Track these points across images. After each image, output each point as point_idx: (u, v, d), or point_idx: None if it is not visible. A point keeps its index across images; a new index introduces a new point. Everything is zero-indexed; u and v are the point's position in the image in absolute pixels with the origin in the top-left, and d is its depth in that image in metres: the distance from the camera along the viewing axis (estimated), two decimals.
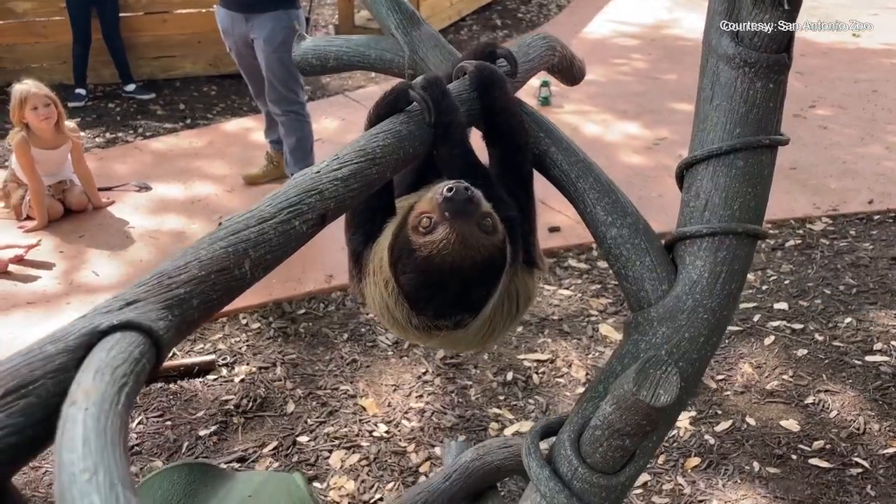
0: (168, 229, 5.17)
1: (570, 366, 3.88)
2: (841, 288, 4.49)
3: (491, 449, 1.53)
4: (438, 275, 1.10)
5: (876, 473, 3.16)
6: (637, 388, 1.01)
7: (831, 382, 3.68)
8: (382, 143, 1.04)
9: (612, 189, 1.27)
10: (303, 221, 0.89)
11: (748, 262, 1.20)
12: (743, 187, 1.19)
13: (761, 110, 1.20)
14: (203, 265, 0.76)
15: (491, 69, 1.22)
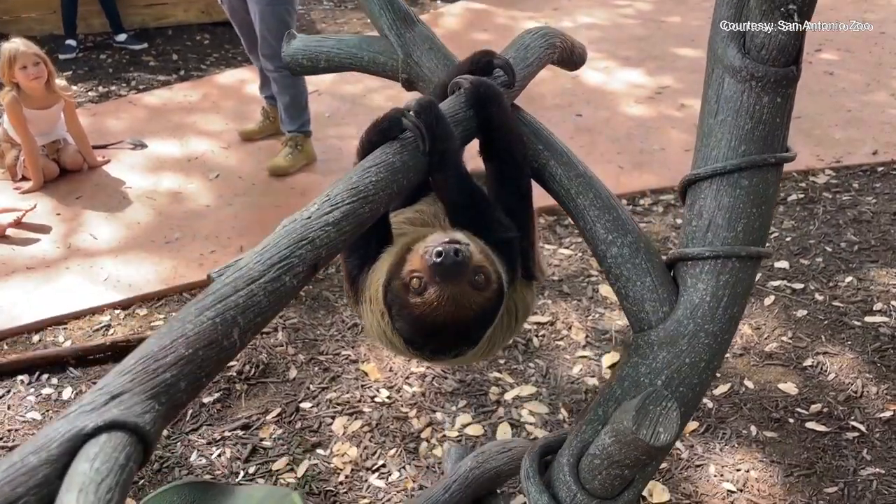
0: (165, 189, 5.13)
1: (569, 328, 3.89)
2: (842, 245, 4.47)
3: (490, 455, 1.54)
4: (432, 328, 1.09)
5: (872, 437, 3.19)
6: (637, 427, 1.00)
7: (830, 344, 3.70)
8: (375, 179, 1.00)
9: (614, 205, 1.23)
10: (293, 276, 0.86)
11: (751, 283, 1.17)
12: (747, 207, 1.15)
13: (767, 126, 1.16)
14: (190, 342, 0.74)
15: (487, 85, 1.17)
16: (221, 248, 4.49)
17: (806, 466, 3.10)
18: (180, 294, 4.18)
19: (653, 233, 4.66)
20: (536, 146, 1.26)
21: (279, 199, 5.03)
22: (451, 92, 1.21)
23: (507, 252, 1.18)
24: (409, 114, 1.07)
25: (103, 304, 4.06)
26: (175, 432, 3.36)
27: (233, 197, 5.04)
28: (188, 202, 5.00)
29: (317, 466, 3.20)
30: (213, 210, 4.90)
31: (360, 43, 1.41)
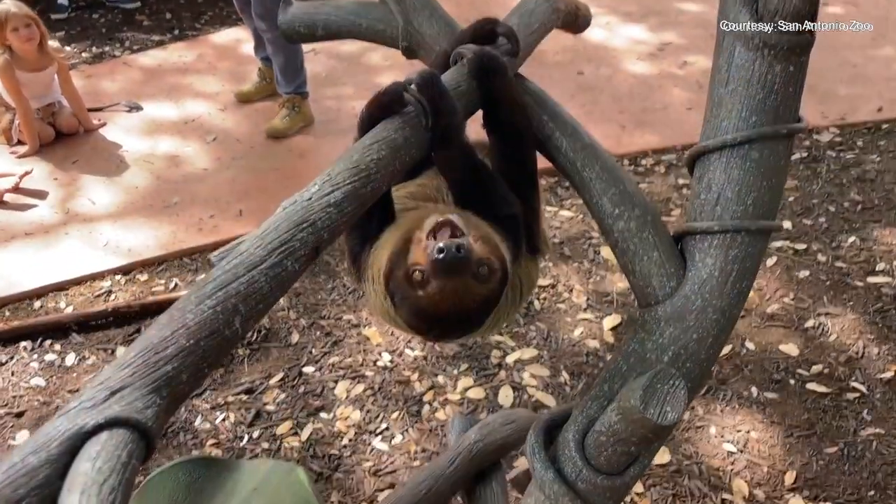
0: (162, 153, 5.07)
1: (571, 291, 3.88)
2: (846, 205, 4.44)
3: (494, 427, 1.54)
4: (435, 318, 1.08)
5: (873, 398, 3.21)
6: (644, 406, 0.99)
7: (832, 305, 3.69)
8: (377, 157, 0.97)
9: (620, 177, 1.21)
10: (295, 260, 0.84)
11: (760, 257, 1.15)
12: (757, 180, 1.13)
13: (780, 96, 1.12)
14: (191, 332, 0.72)
15: (490, 56, 1.14)
16: (220, 213, 4.46)
17: (806, 427, 3.12)
18: (180, 259, 4.16)
19: (654, 193, 4.63)
20: (541, 116, 1.23)
21: (277, 162, 4.98)
22: (454, 62, 1.18)
23: (512, 229, 1.16)
24: (411, 88, 1.04)
25: (104, 270, 4.05)
26: None
27: (231, 160, 4.99)
28: (186, 166, 4.95)
29: (320, 430, 3.22)
30: (212, 174, 4.86)
31: (358, 10, 1.36)
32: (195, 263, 4.13)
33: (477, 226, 1.10)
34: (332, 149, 5.12)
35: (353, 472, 3.05)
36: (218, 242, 4.22)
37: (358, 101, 5.51)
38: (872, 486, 2.86)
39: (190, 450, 3.14)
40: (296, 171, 4.89)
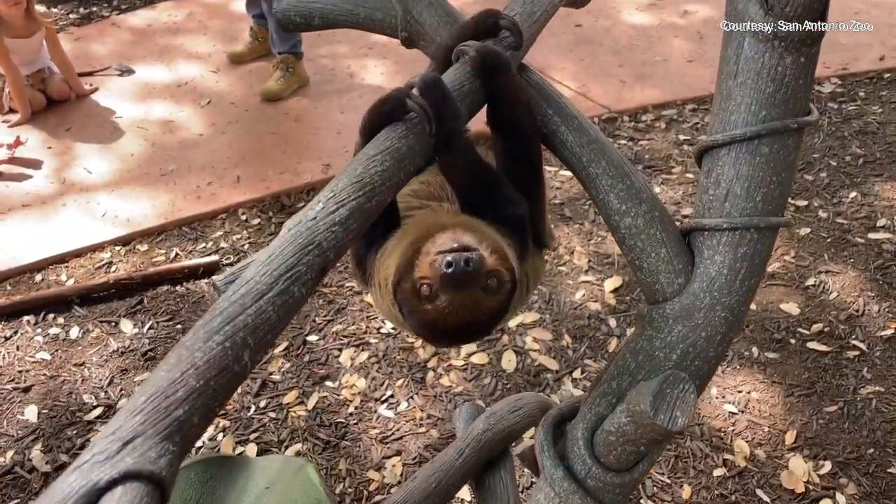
0: (156, 118, 5.01)
1: (572, 253, 3.88)
2: (847, 159, 4.40)
3: (502, 415, 1.55)
4: (443, 331, 1.07)
5: (872, 356, 3.24)
6: (654, 412, 0.99)
7: (833, 262, 3.70)
8: (381, 169, 0.95)
9: (627, 172, 1.19)
10: (302, 285, 0.83)
11: (769, 254, 1.14)
12: (767, 176, 1.11)
13: (790, 89, 1.10)
14: (200, 372, 0.71)
15: (494, 54, 1.11)
16: (218, 179, 4.43)
17: (806, 386, 3.15)
18: (180, 228, 4.15)
19: (655, 151, 4.59)
20: (546, 111, 1.21)
21: (273, 126, 4.92)
22: (456, 59, 1.15)
23: (518, 228, 1.15)
24: (414, 94, 1.01)
25: (103, 241, 4.04)
26: None
27: (226, 124, 4.93)
28: (181, 131, 4.90)
29: (326, 399, 3.25)
30: (207, 139, 4.80)
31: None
32: (195, 232, 4.12)
33: (484, 235, 1.09)
34: (328, 110, 5.06)
35: (359, 440, 3.09)
36: (217, 210, 4.21)
37: (353, 59, 5.42)
38: (872, 444, 2.90)
39: None
40: (292, 135, 4.84)
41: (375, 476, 2.94)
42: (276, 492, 1.26)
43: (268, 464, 1.37)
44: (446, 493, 1.43)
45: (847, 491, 2.76)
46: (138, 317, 3.66)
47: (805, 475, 2.83)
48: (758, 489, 2.80)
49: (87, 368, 3.42)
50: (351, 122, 4.90)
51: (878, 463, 2.84)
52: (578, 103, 4.99)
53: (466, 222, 1.10)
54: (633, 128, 4.82)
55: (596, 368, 3.27)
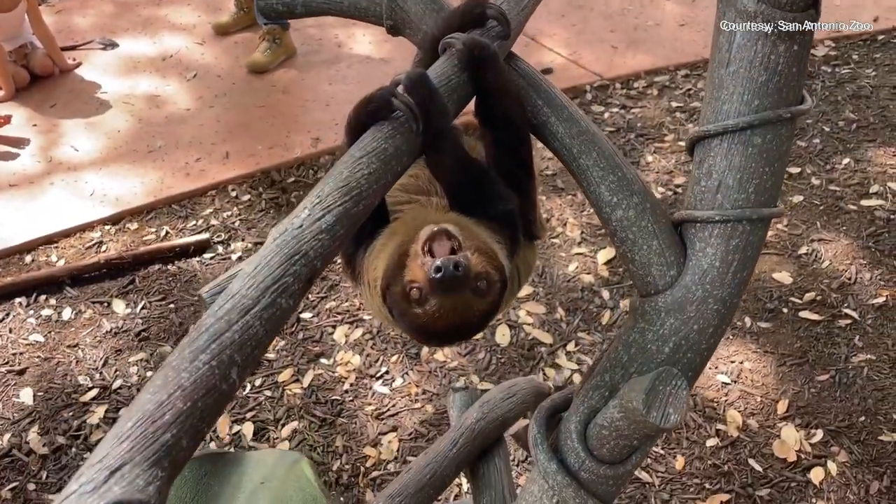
0: (142, 93, 4.93)
1: (564, 224, 3.87)
2: (840, 124, 4.38)
3: (495, 403, 1.55)
4: (433, 334, 1.06)
5: (864, 324, 3.25)
6: (647, 410, 0.99)
7: (825, 230, 3.70)
8: (367, 171, 0.94)
9: (618, 163, 1.17)
10: (289, 296, 0.82)
11: (761, 245, 1.13)
12: (759, 167, 1.10)
13: (783, 78, 1.08)
14: (187, 394, 0.70)
15: (481, 47, 1.08)
16: (206, 155, 4.38)
17: (798, 355, 3.17)
18: (169, 206, 4.11)
19: (647, 118, 4.56)
20: (535, 101, 1.18)
21: (261, 99, 4.86)
22: (442, 51, 1.12)
23: (509, 224, 1.13)
24: (400, 92, 0.99)
25: (93, 221, 4.00)
26: None
27: (213, 98, 4.86)
28: (167, 106, 4.83)
29: (322, 376, 3.26)
30: (194, 114, 4.74)
31: None
32: (184, 210, 4.08)
33: (473, 235, 1.07)
34: (316, 82, 5.00)
35: (356, 417, 3.11)
36: (206, 187, 4.17)
37: (340, 29, 5.33)
38: (863, 412, 2.93)
39: None
40: (280, 108, 4.78)
41: (372, 452, 2.96)
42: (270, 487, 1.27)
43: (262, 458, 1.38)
44: (441, 484, 1.44)
45: (838, 459, 2.79)
46: (130, 297, 3.65)
47: (797, 444, 2.86)
48: (750, 459, 2.84)
49: (80, 350, 3.42)
50: (339, 94, 4.85)
51: (870, 431, 2.87)
52: (570, 71, 4.94)
53: (455, 223, 1.09)
54: (625, 95, 4.77)
55: (589, 341, 3.28)
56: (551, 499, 1.17)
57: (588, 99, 4.73)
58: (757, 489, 2.75)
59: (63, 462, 3.00)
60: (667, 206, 3.91)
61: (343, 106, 4.73)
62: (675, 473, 2.80)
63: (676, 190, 4.00)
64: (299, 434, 3.04)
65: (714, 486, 2.77)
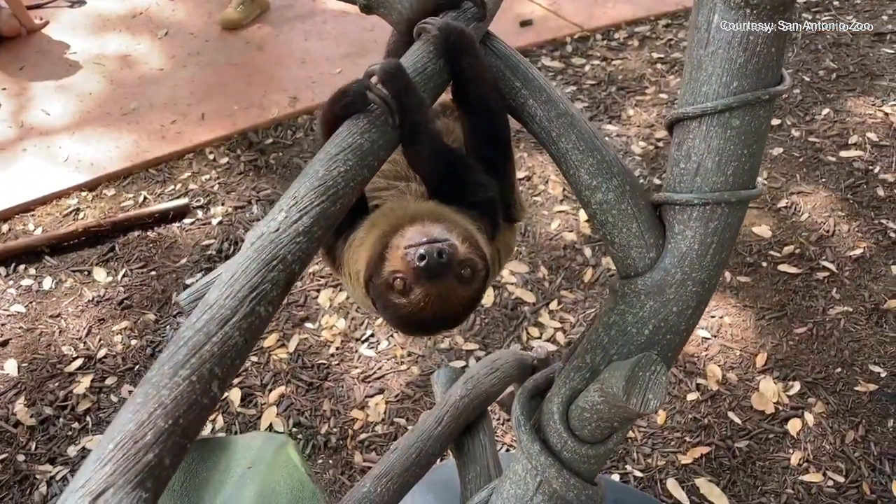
0: (113, 53, 4.81)
1: (546, 182, 3.86)
2: (821, 73, 4.37)
3: (479, 380, 1.57)
4: (418, 324, 1.06)
5: (842, 276, 3.30)
6: (627, 397, 1.01)
7: (805, 183, 3.72)
8: (344, 169, 0.92)
9: (598, 145, 1.16)
10: (268, 303, 0.81)
11: (739, 226, 1.14)
12: (738, 149, 1.09)
13: (762, 59, 1.07)
14: (168, 412, 0.70)
15: (457, 33, 1.06)
16: (182, 117, 4.31)
17: (777, 309, 3.22)
18: (146, 171, 4.05)
19: (628, 71, 4.51)
20: (513, 83, 1.16)
21: (235, 56, 4.76)
22: (417, 35, 1.10)
23: (489, 210, 1.13)
24: (376, 85, 0.97)
25: (69, 187, 3.94)
26: (162, 316, 3.40)
27: (186, 57, 4.76)
28: (139, 66, 4.72)
29: (307, 341, 3.28)
30: (168, 74, 4.64)
31: None
32: (162, 174, 4.03)
33: (455, 223, 1.07)
34: (290, 38, 4.89)
35: (342, 380, 3.13)
36: (183, 150, 4.11)
37: None
38: (839, 364, 3.00)
39: None
40: (255, 66, 4.69)
41: (359, 415, 3.00)
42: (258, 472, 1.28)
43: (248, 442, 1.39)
44: (427, 462, 1.47)
45: (815, 410, 2.86)
46: (111, 264, 3.62)
47: (775, 396, 2.92)
48: (729, 412, 2.90)
49: (63, 320, 3.40)
50: (315, 50, 4.76)
51: (845, 381, 2.94)
52: (550, 22, 4.86)
53: (435, 211, 1.08)
54: (605, 47, 4.72)
55: (572, 299, 3.31)
56: (535, 478, 1.20)
57: (568, 51, 4.67)
58: (736, 441, 2.82)
59: (51, 433, 3.01)
60: (648, 161, 3.90)
61: (320, 63, 4.65)
62: (657, 428, 2.86)
63: (658, 144, 3.99)
64: (286, 399, 3.06)
65: (694, 440, 2.84)
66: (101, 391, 3.13)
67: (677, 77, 4.44)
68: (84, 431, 3.00)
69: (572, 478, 1.17)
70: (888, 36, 4.62)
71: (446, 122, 1.28)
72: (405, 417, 2.97)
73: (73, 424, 3.02)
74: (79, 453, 2.92)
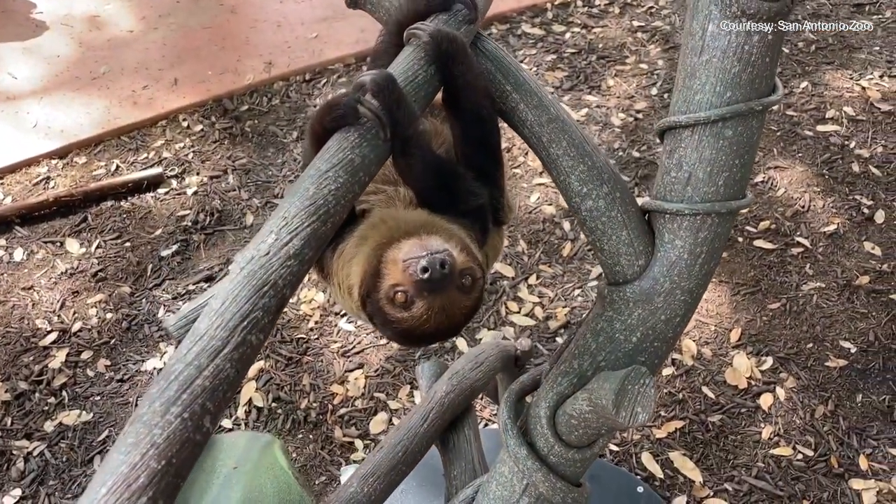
0: (81, 13, 4.66)
1: (526, 154, 3.84)
2: (800, 45, 4.37)
3: (464, 374, 1.57)
4: (419, 338, 1.05)
5: (815, 252, 3.34)
6: (616, 410, 1.01)
7: (782, 158, 3.74)
8: (335, 186, 0.90)
9: (589, 151, 1.15)
10: (259, 331, 0.80)
11: (728, 235, 1.14)
12: (729, 159, 1.09)
13: (756, 69, 1.06)
14: (161, 452, 0.69)
15: (449, 39, 1.03)
16: (154, 82, 4.20)
17: (752, 284, 3.26)
18: (118, 138, 3.96)
19: (609, 39, 4.47)
20: (504, 87, 1.14)
21: (208, 19, 4.63)
22: (407, 40, 1.06)
23: (479, 217, 1.12)
24: (367, 98, 0.94)
25: (38, 155, 3.85)
26: (138, 289, 3.36)
27: (157, 19, 4.62)
28: (109, 28, 4.58)
29: (286, 314, 3.26)
30: (138, 36, 4.51)
31: None
32: (134, 142, 3.94)
33: (450, 234, 1.06)
34: (266, 1, 4.77)
35: (321, 355, 3.13)
36: (156, 117, 4.02)
37: None
38: (811, 339, 3.06)
39: (156, 343, 3.17)
40: (229, 29, 4.57)
41: (339, 390, 3.01)
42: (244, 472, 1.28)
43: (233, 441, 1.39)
44: (413, 460, 1.47)
45: (786, 385, 2.93)
46: (84, 235, 3.56)
47: (748, 371, 2.98)
48: (703, 386, 2.95)
49: (36, 292, 3.35)
50: (291, 13, 4.64)
51: (817, 357, 3.00)
52: None
53: (429, 223, 1.06)
54: (586, 14, 4.66)
55: (551, 274, 3.32)
56: (521, 481, 1.21)
57: (549, 18, 4.61)
58: (709, 415, 2.87)
59: (27, 408, 2.98)
60: (627, 134, 3.89)
61: (295, 27, 4.55)
62: None
63: (637, 116, 3.98)
64: (265, 374, 3.06)
65: (669, 414, 2.89)
66: (76, 365, 3.10)
67: (657, 47, 4.41)
68: (60, 406, 2.98)
69: (559, 481, 1.18)
70: (867, 7, 4.62)
71: (434, 123, 1.26)
72: (385, 392, 2.99)
73: (48, 399, 3.00)
74: (56, 429, 2.91)
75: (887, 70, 4.14)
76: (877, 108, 3.92)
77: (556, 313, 3.17)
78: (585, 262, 3.36)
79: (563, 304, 3.21)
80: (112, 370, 3.09)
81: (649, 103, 4.05)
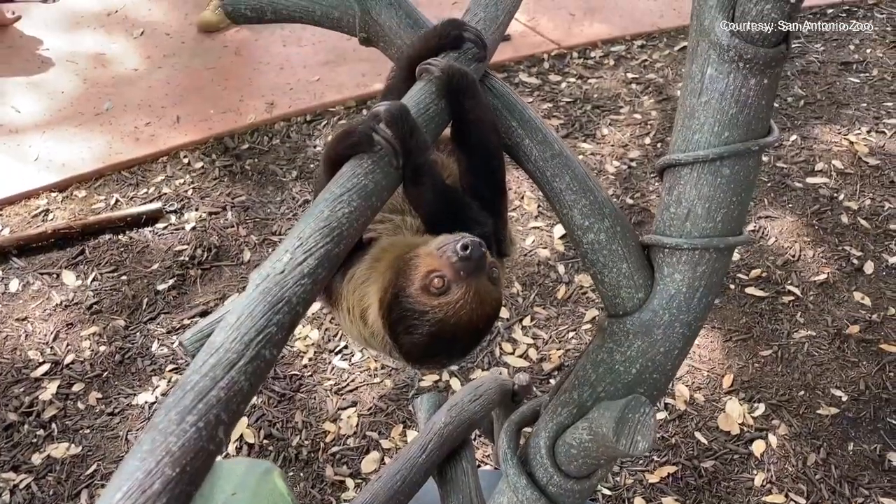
0: (86, 51, 4.74)
1: (522, 198, 3.90)
2: (789, 100, 4.48)
3: (462, 407, 1.58)
4: (451, 334, 1.05)
5: (806, 300, 3.38)
6: (616, 438, 1.03)
7: (772, 208, 3.81)
8: (348, 210, 0.93)
9: (591, 187, 1.19)
10: (273, 346, 0.82)
11: (726, 270, 1.17)
12: (727, 196, 1.13)
13: (753, 110, 1.10)
14: (176, 460, 0.71)
15: (459, 75, 1.07)
16: (156, 119, 4.26)
17: (744, 331, 3.29)
18: (119, 173, 4.00)
19: (604, 90, 4.58)
20: (509, 122, 1.19)
21: (212, 60, 4.72)
22: (419, 75, 1.11)
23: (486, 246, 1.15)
24: (381, 127, 0.98)
25: (38, 187, 3.88)
26: (132, 322, 3.35)
27: (162, 58, 4.70)
28: (114, 66, 4.65)
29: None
30: (143, 75, 4.58)
31: None
32: (135, 177, 3.98)
33: None
34: (269, 43, 4.87)
35: (315, 392, 3.13)
36: (157, 153, 4.07)
37: None
38: (803, 387, 3.07)
39: (149, 377, 3.15)
40: (232, 70, 4.66)
41: (332, 427, 2.99)
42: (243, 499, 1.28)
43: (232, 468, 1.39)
44: (411, 491, 1.48)
45: (778, 432, 2.93)
46: (81, 268, 3.57)
47: (740, 417, 2.99)
48: (696, 432, 2.96)
49: (30, 323, 3.34)
50: (294, 56, 4.74)
51: (808, 405, 3.01)
52: (528, 38, 4.91)
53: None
54: (582, 65, 4.78)
55: (545, 316, 3.35)
56: None
57: (546, 68, 4.72)
58: (702, 461, 2.87)
59: (15, 439, 2.95)
60: (621, 181, 3.96)
61: (298, 70, 4.64)
62: None
63: (631, 164, 4.06)
64: (258, 410, 3.05)
65: (662, 459, 2.88)
66: (67, 398, 3.08)
67: (651, 98, 4.52)
68: (49, 439, 2.95)
69: None
70: (854, 66, 4.75)
71: (440, 157, 1.30)
72: (377, 431, 2.97)
73: (38, 431, 2.97)
74: (43, 461, 2.87)
75: (874, 126, 4.25)
76: (864, 162, 4.01)
77: (550, 355, 3.18)
78: (580, 305, 3.39)
79: (557, 346, 3.22)
80: (103, 403, 3.07)
81: (643, 152, 4.13)
